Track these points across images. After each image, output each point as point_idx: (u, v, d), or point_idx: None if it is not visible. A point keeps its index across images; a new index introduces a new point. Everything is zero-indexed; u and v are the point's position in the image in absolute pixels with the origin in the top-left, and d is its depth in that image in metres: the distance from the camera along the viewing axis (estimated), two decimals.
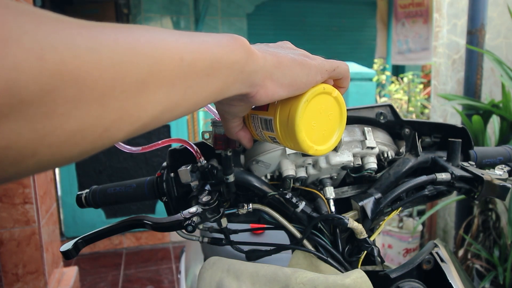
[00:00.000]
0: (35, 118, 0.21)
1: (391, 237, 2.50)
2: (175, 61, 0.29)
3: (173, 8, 4.89)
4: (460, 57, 2.30)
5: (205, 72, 0.31)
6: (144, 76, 0.26)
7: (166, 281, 2.53)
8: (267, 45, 0.42)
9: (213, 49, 0.32)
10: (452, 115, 2.39)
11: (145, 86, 0.26)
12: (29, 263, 1.72)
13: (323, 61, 0.42)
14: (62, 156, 0.24)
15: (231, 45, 0.34)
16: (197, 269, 1.05)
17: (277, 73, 0.38)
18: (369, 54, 5.52)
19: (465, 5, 2.13)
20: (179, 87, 0.29)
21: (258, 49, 0.38)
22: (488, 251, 1.82)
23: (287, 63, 0.39)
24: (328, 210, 0.59)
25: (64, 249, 0.53)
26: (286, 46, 0.43)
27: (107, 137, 0.25)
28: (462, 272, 0.59)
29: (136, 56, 0.26)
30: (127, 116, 0.26)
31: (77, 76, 0.22)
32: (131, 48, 0.26)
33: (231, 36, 0.35)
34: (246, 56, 0.35)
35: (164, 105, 0.29)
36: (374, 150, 0.62)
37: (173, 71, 0.28)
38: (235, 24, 5.31)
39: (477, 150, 0.70)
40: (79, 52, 0.22)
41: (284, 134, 0.43)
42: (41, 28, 0.21)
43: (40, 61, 0.20)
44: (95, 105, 0.23)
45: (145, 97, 0.27)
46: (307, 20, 5.72)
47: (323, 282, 0.49)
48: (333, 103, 0.44)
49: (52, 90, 0.21)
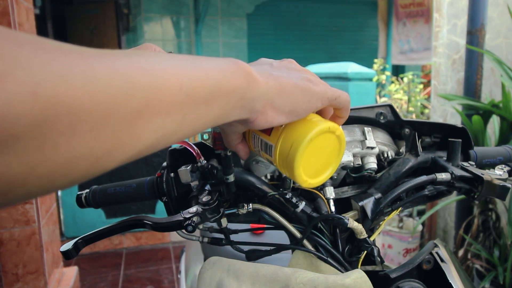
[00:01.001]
0: (25, 151, 0.20)
1: (391, 237, 2.50)
2: (173, 90, 0.28)
3: (173, 8, 4.89)
4: (460, 57, 2.30)
5: (204, 100, 0.31)
6: (141, 106, 0.25)
7: (166, 281, 2.53)
8: (271, 64, 0.41)
9: (214, 76, 0.32)
10: (452, 115, 2.39)
11: (140, 116, 0.26)
12: (29, 263, 1.72)
13: (326, 88, 0.42)
14: (52, 186, 0.23)
15: (232, 72, 0.34)
16: (197, 269, 1.05)
17: (278, 100, 0.38)
18: (370, 54, 5.52)
19: (465, 5, 2.13)
20: (176, 115, 0.28)
21: (261, 72, 0.37)
22: (488, 251, 1.82)
23: (289, 89, 0.38)
24: (328, 210, 0.59)
25: (64, 249, 0.53)
26: (291, 67, 0.42)
27: (99, 166, 0.25)
28: (462, 272, 0.59)
29: (134, 86, 0.25)
30: (120, 146, 0.25)
31: (71, 109, 0.21)
32: (129, 78, 0.25)
33: (233, 62, 0.35)
34: (247, 82, 0.34)
35: (159, 134, 0.28)
36: (374, 150, 0.62)
37: (171, 100, 0.28)
38: (235, 24, 5.31)
39: (477, 150, 0.70)
40: (74, 85, 0.22)
41: (281, 163, 0.43)
42: (37, 60, 0.20)
43: (33, 96, 0.20)
44: (87, 136, 0.23)
45: (140, 127, 0.26)
46: (307, 20, 5.72)
47: (323, 282, 0.49)
48: (334, 141, 0.44)
49: (43, 124, 0.20)
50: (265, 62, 0.43)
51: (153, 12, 4.77)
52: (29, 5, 1.80)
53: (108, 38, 4.84)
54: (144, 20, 4.74)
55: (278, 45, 5.56)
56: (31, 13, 1.82)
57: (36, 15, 2.72)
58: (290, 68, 0.42)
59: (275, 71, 0.39)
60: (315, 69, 3.31)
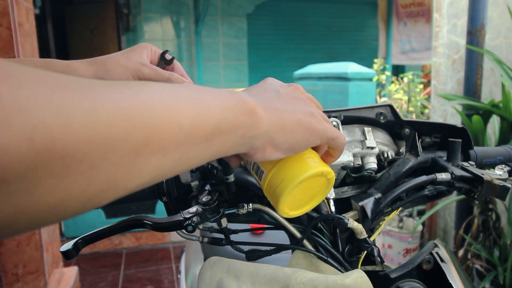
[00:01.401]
0: (16, 194, 0.20)
1: (391, 237, 2.50)
2: (173, 129, 0.27)
3: (173, 8, 4.89)
4: (460, 57, 2.30)
5: (204, 138, 0.30)
6: (140, 145, 0.25)
7: (166, 281, 2.53)
8: (278, 92, 0.41)
9: (216, 115, 0.31)
10: (452, 115, 2.39)
11: (138, 155, 0.25)
12: (29, 263, 1.72)
13: (327, 126, 0.41)
14: (41, 224, 0.23)
15: (236, 109, 0.33)
16: (197, 269, 1.05)
17: (279, 138, 0.38)
18: (370, 54, 5.52)
19: (465, 5, 2.13)
20: (173, 154, 0.28)
21: (265, 107, 0.37)
22: (488, 251, 1.82)
23: (291, 127, 0.38)
24: (328, 210, 0.59)
25: (64, 249, 0.53)
26: (297, 96, 0.42)
27: (90, 205, 0.24)
28: (462, 272, 0.59)
29: (134, 125, 0.24)
30: (114, 186, 0.25)
31: (67, 152, 0.21)
32: (130, 117, 0.24)
33: (238, 98, 0.34)
34: (250, 121, 0.34)
35: (155, 173, 0.27)
36: (374, 150, 0.62)
37: (170, 140, 0.27)
38: (235, 24, 5.31)
39: (477, 150, 0.70)
40: (73, 127, 0.21)
41: (268, 193, 0.43)
42: (37, 102, 0.20)
43: (29, 141, 0.19)
44: (82, 177, 0.22)
45: (137, 167, 0.25)
46: (307, 20, 5.72)
47: (323, 282, 0.49)
48: (323, 182, 0.44)
49: (37, 167, 0.20)
50: (272, 87, 0.42)
51: (153, 12, 4.77)
52: (29, 5, 1.80)
53: (108, 38, 4.84)
54: (144, 20, 4.74)
55: (278, 45, 5.56)
56: (31, 13, 1.82)
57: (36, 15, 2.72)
58: (296, 97, 0.41)
59: (280, 103, 0.39)
60: (315, 69, 3.31)
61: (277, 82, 0.44)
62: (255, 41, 5.45)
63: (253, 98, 0.37)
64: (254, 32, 5.43)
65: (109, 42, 4.80)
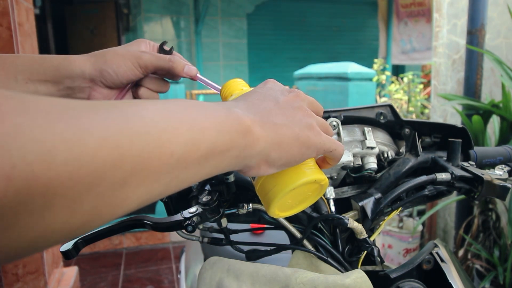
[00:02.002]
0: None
1: (391, 237, 2.50)
2: (164, 157, 0.26)
3: (173, 8, 4.89)
4: (460, 57, 2.30)
5: (196, 162, 0.29)
6: (126, 176, 0.23)
7: (166, 281, 2.53)
8: (277, 102, 0.39)
9: (210, 137, 0.30)
10: (452, 115, 2.39)
11: (125, 185, 0.24)
12: (29, 263, 1.72)
13: (325, 139, 0.40)
14: (19, 257, 0.22)
15: (232, 130, 0.32)
16: (197, 269, 1.05)
17: (274, 155, 0.36)
18: (370, 54, 5.52)
19: (465, 5, 2.13)
20: (163, 180, 0.27)
21: (262, 122, 0.35)
22: (488, 251, 1.82)
23: (288, 143, 0.37)
24: (328, 210, 0.59)
25: (64, 249, 0.53)
26: (297, 106, 0.40)
27: (73, 235, 0.23)
28: (462, 272, 0.59)
29: (122, 155, 0.23)
30: (98, 216, 0.23)
31: (48, 188, 0.20)
32: (118, 146, 0.23)
33: (235, 118, 0.33)
34: (245, 141, 0.33)
35: (143, 199, 0.26)
36: (374, 150, 0.62)
37: (160, 166, 0.26)
38: (235, 24, 5.31)
39: (477, 150, 0.70)
40: (55, 161, 0.20)
41: (260, 195, 0.43)
42: (18, 136, 0.19)
43: (7, 181, 0.18)
44: (64, 211, 0.21)
45: (123, 196, 0.24)
46: (307, 20, 5.72)
47: (323, 282, 0.49)
48: (317, 187, 0.44)
49: (16, 205, 0.19)
50: (271, 94, 0.40)
51: (153, 12, 4.77)
52: (29, 5, 1.80)
53: (108, 38, 4.84)
54: (144, 20, 4.74)
55: (278, 45, 5.56)
56: (31, 13, 1.82)
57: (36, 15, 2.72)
58: (296, 107, 0.40)
59: (278, 116, 0.37)
60: (315, 69, 3.31)
61: (277, 87, 0.42)
62: (255, 41, 5.45)
63: (250, 113, 0.35)
64: (254, 32, 5.43)
65: (109, 42, 4.80)
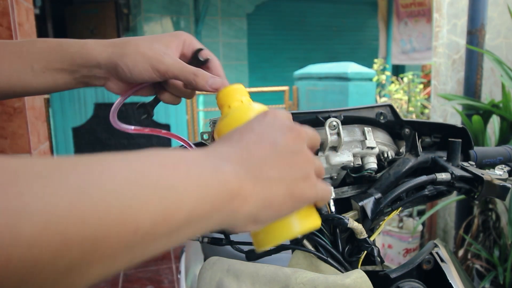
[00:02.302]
0: None
1: (391, 237, 2.50)
2: (126, 235, 0.22)
3: (173, 8, 4.89)
4: (460, 57, 2.30)
5: (167, 234, 0.25)
6: (73, 263, 0.20)
7: (166, 281, 2.53)
8: (275, 145, 0.34)
9: (188, 206, 0.26)
10: (452, 115, 2.39)
11: (71, 272, 0.21)
12: None
13: (318, 192, 0.36)
14: None
15: (216, 196, 0.28)
16: (197, 269, 1.05)
17: (263, 215, 0.32)
18: (370, 54, 5.52)
19: (465, 5, 2.13)
20: (123, 258, 0.23)
21: (255, 176, 0.31)
22: (488, 251, 1.82)
23: (280, 201, 0.33)
24: (328, 210, 0.59)
25: None
26: (297, 150, 0.35)
27: None
28: (462, 272, 0.59)
29: (67, 242, 0.20)
30: None
31: None
32: (64, 230, 0.19)
33: (221, 182, 0.28)
34: (231, 207, 0.29)
35: (97, 278, 0.23)
36: (374, 150, 0.62)
37: (119, 246, 0.22)
38: (235, 24, 5.31)
39: (477, 150, 0.70)
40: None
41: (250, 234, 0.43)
42: None
43: None
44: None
45: (69, 282, 0.21)
46: (307, 20, 5.72)
47: (323, 282, 0.49)
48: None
49: None
50: (270, 136, 0.35)
51: (153, 12, 4.78)
52: (29, 5, 1.80)
53: (108, 38, 4.85)
54: (144, 20, 4.74)
55: (278, 45, 5.56)
56: (31, 13, 1.82)
57: (36, 15, 2.73)
58: (296, 152, 0.35)
59: (274, 167, 0.33)
60: (315, 69, 3.31)
61: (277, 123, 0.36)
62: (255, 41, 5.45)
63: (242, 168, 0.31)
64: (254, 32, 5.43)
65: None
